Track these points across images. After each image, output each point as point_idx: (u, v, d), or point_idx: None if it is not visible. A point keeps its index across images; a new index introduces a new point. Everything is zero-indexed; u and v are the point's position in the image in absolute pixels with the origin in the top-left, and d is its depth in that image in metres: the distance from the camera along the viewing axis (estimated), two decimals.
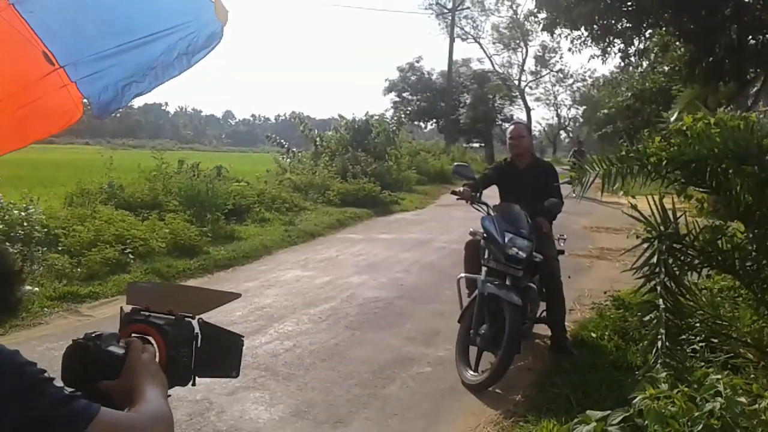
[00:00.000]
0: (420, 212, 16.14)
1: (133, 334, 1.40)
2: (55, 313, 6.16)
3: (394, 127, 22.69)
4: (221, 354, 1.49)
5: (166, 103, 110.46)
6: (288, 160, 20.17)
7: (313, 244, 10.72)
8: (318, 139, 21.07)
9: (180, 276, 7.83)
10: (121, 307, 1.47)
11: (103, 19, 2.45)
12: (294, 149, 21.52)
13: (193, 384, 1.42)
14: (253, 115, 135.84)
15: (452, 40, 40.80)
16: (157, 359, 1.34)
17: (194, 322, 1.44)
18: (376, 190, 16.40)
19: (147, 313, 1.44)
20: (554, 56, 53.10)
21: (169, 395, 1.28)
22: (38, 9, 2.32)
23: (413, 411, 4.18)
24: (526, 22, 43.51)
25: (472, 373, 4.55)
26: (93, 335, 1.29)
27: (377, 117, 22.29)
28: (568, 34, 18.26)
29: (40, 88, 2.49)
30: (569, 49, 19.98)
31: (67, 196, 11.11)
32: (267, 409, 4.12)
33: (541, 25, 18.80)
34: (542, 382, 4.52)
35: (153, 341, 1.37)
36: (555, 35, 19.19)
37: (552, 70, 55.36)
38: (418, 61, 47.62)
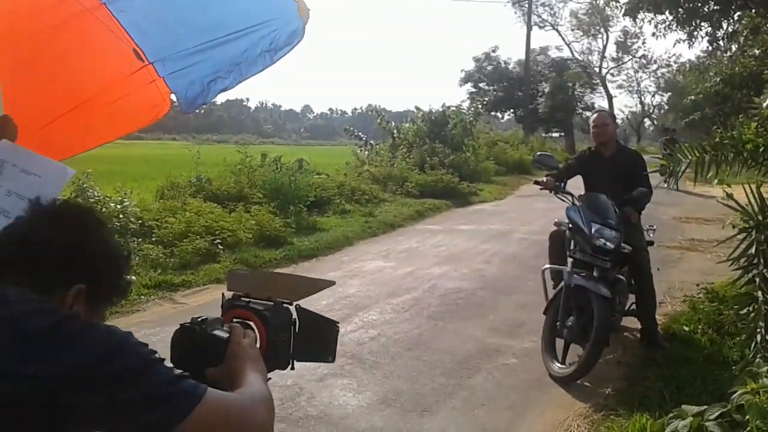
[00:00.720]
0: (499, 203, 15.97)
1: (234, 319, 1.47)
2: (151, 300, 6.46)
3: (471, 118, 22.50)
4: (318, 339, 1.53)
5: (248, 99, 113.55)
6: (366, 152, 20.35)
7: (393, 235, 10.80)
8: (395, 131, 21.14)
9: (266, 266, 8.06)
10: (223, 294, 1.54)
11: (191, 17, 2.52)
12: (371, 142, 21.68)
13: (292, 368, 1.47)
14: (330, 109, 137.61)
15: (529, 29, 40.05)
16: (257, 344, 1.39)
17: (292, 308, 1.49)
18: (454, 181, 16.33)
19: (247, 300, 1.49)
20: (637, 42, 51.19)
21: (269, 378, 1.34)
22: (129, 8, 2.42)
23: (500, 402, 4.17)
24: (606, 8, 42.19)
25: (559, 365, 4.49)
26: (199, 320, 1.36)
27: (454, 108, 22.17)
28: (652, 19, 17.65)
29: (130, 83, 2.61)
30: (653, 34, 19.18)
31: (158, 190, 11.59)
32: (355, 395, 4.21)
33: (623, 10, 18.21)
34: (633, 376, 4.43)
35: (254, 326, 1.43)
36: (637, 20, 18.54)
37: (634, 56, 53.45)
38: (494, 51, 46.85)
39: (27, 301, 1.09)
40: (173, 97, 2.67)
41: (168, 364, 1.17)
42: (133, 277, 6.86)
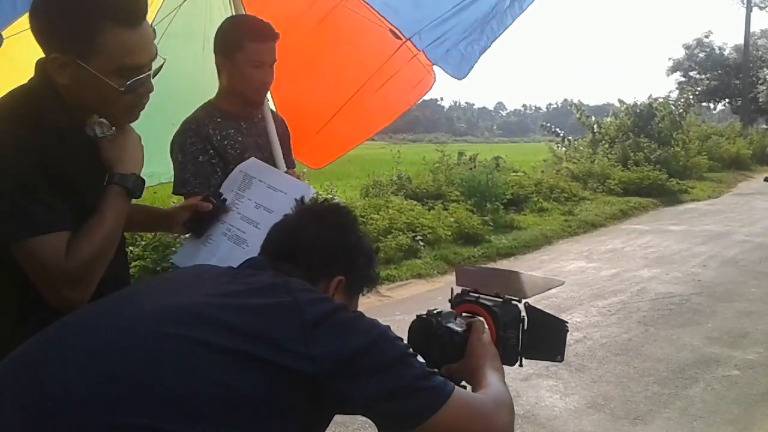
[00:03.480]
0: (714, 202, 14.68)
1: (463, 314, 1.51)
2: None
3: (681, 110, 20.91)
4: (546, 337, 1.51)
5: (441, 98, 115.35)
6: (563, 148, 19.73)
7: (595, 235, 10.39)
8: (595, 126, 20.25)
9: (465, 263, 8.14)
10: (452, 288, 1.60)
11: None
12: (569, 137, 20.99)
13: (521, 365, 1.48)
14: (524, 105, 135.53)
15: (749, 9, 36.24)
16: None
17: (521, 306, 1.49)
18: (662, 178, 15.26)
19: (476, 295, 1.53)
20: None
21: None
22: None
23: (720, 416, 3.87)
24: None
25: None
26: (435, 312, 1.43)
27: (661, 100, 20.74)
28: None
29: (394, 63, 2.70)
30: None
31: (363, 188, 12.17)
32: (561, 398, 4.13)
33: None
34: None
35: (483, 321, 1.46)
36: None
37: None
38: (707, 36, 43.07)
39: (308, 290, 1.23)
40: (437, 68, 2.72)
41: (420, 359, 1.23)
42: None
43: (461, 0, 2.44)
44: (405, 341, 1.26)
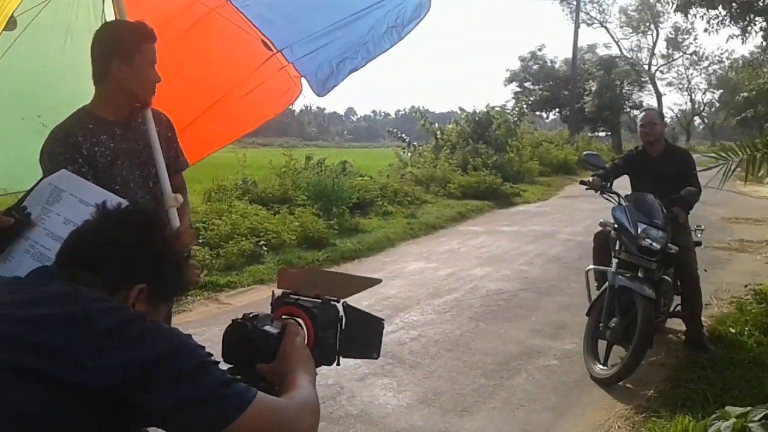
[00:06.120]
0: (543, 204, 15.81)
1: (283, 316, 1.52)
2: (197, 301, 6.59)
3: (516, 118, 22.33)
4: (364, 336, 1.57)
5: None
6: (409, 154, 20.37)
7: (435, 237, 10.81)
8: (438, 132, 21.10)
9: (309, 267, 8.15)
10: (273, 291, 1.59)
11: (313, 2, 2.62)
12: (415, 143, 21.69)
13: (338, 364, 1.52)
14: (373, 111, 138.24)
15: (577, 26, 39.59)
16: (305, 341, 1.44)
17: (339, 306, 1.53)
18: (497, 182, 16.23)
19: (296, 297, 1.54)
20: (688, 38, 50.09)
21: (317, 374, 1.39)
22: (253, 2, 2.55)
23: (540, 403, 4.15)
24: (657, 4, 41.37)
25: (601, 366, 4.45)
26: (250, 315, 1.42)
27: (498, 108, 22.02)
28: (704, 14, 17.22)
29: (262, 73, 2.76)
30: (705, 30, 18.81)
31: (206, 192, 11.82)
32: (395, 395, 4.24)
33: (674, 6, 17.85)
34: (676, 378, 4.35)
35: (302, 323, 1.47)
36: (689, 16, 18.14)
37: (685, 53, 52.25)
38: (540, 50, 46.34)
39: (99, 299, 1.16)
40: (304, 81, 2.75)
41: (223, 366, 1.22)
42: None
43: (338, 19, 2.52)
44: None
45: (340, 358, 1.53)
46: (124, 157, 2.38)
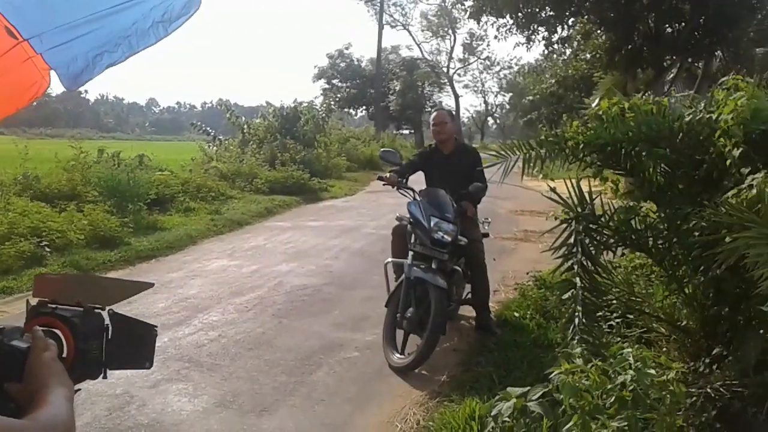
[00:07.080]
0: (349, 199, 16.12)
1: (39, 328, 1.34)
2: None
3: (324, 115, 22.58)
4: (134, 345, 1.43)
5: (86, 91, 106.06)
6: (214, 148, 19.79)
7: (240, 233, 10.55)
8: (245, 126, 20.72)
9: (100, 268, 7.56)
10: (27, 300, 1.40)
11: None
12: (221, 137, 21.13)
13: (104, 377, 1.37)
14: (178, 103, 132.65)
15: (381, 27, 41.09)
16: (65, 353, 1.29)
17: (104, 314, 1.38)
18: (304, 178, 16.28)
19: (54, 306, 1.37)
20: (481, 44, 54.04)
21: (79, 389, 1.23)
22: None
23: (340, 396, 4.17)
24: (453, 10, 44.04)
25: (398, 356, 4.58)
26: None
27: (306, 104, 22.11)
28: (494, 22, 18.58)
29: (4, 63, 2.45)
30: (495, 37, 20.38)
31: None
32: (190, 400, 4.03)
33: (468, 13, 19.07)
34: (467, 362, 4.61)
35: (60, 334, 1.32)
36: (481, 23, 19.50)
37: (479, 58, 56.33)
38: (347, 48, 47.42)
39: None
40: (53, 73, 2.49)
41: None
42: None
43: (96, 11, 2.30)
44: None
45: (107, 370, 1.38)
46: None
